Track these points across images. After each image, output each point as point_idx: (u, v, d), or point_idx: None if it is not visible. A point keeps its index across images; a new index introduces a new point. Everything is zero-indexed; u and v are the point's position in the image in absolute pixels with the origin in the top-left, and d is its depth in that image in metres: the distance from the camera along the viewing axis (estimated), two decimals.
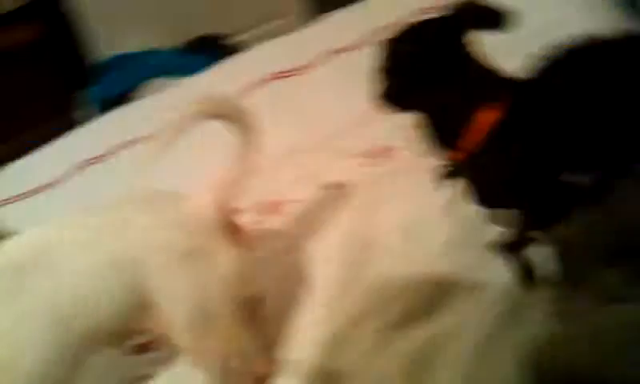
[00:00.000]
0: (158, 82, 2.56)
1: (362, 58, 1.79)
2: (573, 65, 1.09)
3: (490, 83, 1.11)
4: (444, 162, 1.22)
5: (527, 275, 1.16)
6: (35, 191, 1.66)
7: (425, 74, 1.11)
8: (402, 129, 1.52)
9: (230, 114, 1.04)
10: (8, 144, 2.77)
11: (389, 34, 1.18)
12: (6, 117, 2.82)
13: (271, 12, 3.14)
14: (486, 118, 1.07)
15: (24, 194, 1.66)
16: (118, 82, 2.61)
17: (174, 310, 0.94)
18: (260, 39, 2.95)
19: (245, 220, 1.38)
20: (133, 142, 1.71)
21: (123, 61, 2.71)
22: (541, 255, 1.13)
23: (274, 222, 1.42)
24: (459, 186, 1.23)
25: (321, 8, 3.21)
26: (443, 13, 1.10)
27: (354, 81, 1.72)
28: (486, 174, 1.15)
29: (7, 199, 1.65)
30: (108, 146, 1.71)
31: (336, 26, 2.01)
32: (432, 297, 1.17)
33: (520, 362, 0.95)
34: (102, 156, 1.70)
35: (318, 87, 1.79)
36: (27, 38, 2.77)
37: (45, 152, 1.80)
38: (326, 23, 2.06)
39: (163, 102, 1.87)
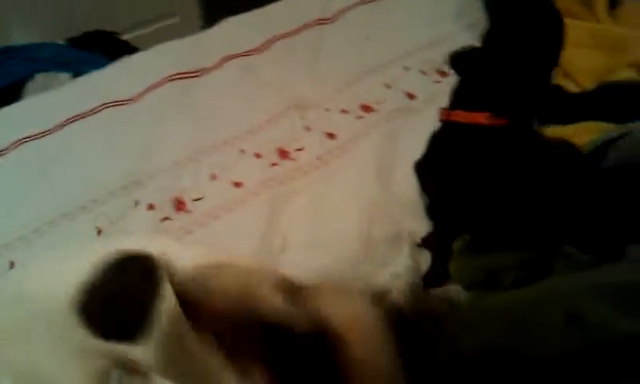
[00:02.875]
0: (45, 75, 2.50)
1: (258, 62, 1.90)
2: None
3: None
4: None
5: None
6: None
7: None
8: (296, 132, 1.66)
9: None
10: None
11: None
12: None
13: (159, 11, 3.16)
14: None
15: None
16: (5, 74, 2.52)
17: None
18: (147, 38, 2.98)
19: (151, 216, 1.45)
20: (32, 138, 1.70)
21: (10, 53, 2.62)
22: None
23: (181, 220, 1.45)
24: None
25: (208, 9, 3.29)
26: None
27: (251, 84, 1.83)
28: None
29: None
30: (7, 141, 1.68)
31: (234, 31, 2.09)
32: None
33: None
34: (1, 151, 1.66)
35: (215, 90, 1.85)
36: None
37: None
38: (224, 28, 2.12)
39: (62, 98, 1.88)
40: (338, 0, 2.16)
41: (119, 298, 0.85)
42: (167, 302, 0.81)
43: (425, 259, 1.34)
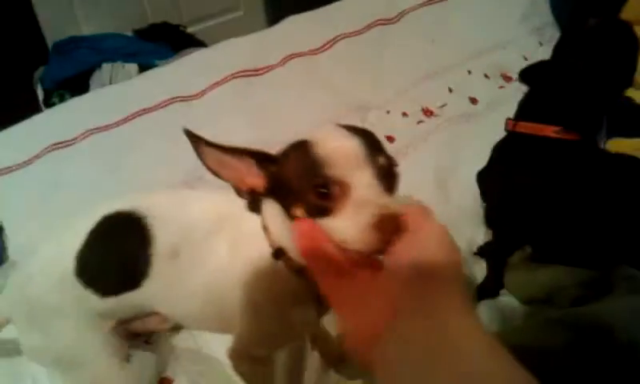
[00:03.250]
0: (112, 65, 2.58)
1: (321, 61, 1.91)
2: None
3: None
4: None
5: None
6: (0, 172, 1.67)
7: None
8: None
9: None
10: None
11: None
12: None
13: (223, 5, 3.21)
14: None
15: None
16: (73, 63, 2.61)
17: None
18: (211, 31, 3.03)
19: None
20: (100, 129, 1.75)
21: (78, 42, 2.70)
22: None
23: None
24: None
25: (271, 4, 3.32)
26: None
27: (313, 84, 1.84)
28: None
29: None
30: (75, 131, 1.73)
31: (298, 29, 2.09)
32: None
33: None
34: (70, 141, 1.72)
35: (278, 88, 1.87)
36: None
37: (10, 133, 1.80)
38: (288, 26, 2.13)
39: (130, 91, 1.92)
40: (402, 0, 2.15)
41: (113, 255, 0.95)
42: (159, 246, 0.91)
43: (480, 269, 1.33)
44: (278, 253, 0.79)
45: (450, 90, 1.75)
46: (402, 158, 1.57)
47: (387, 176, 0.65)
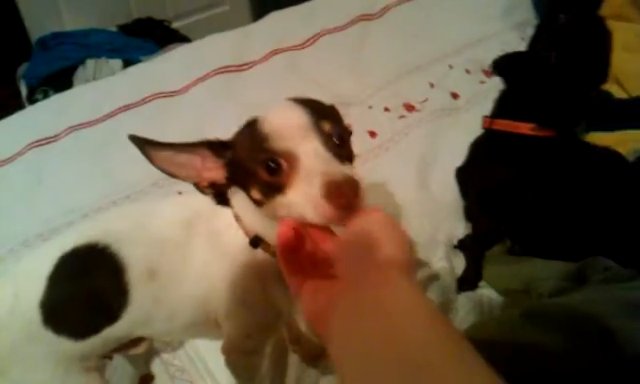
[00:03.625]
0: (96, 61, 2.57)
1: (303, 57, 1.91)
2: None
3: None
4: None
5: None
6: None
7: None
8: None
9: None
10: None
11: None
12: None
13: (209, 0, 3.21)
14: None
15: None
16: (56, 59, 2.60)
17: None
18: (196, 26, 3.03)
19: None
20: (83, 125, 1.75)
21: (62, 38, 2.69)
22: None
23: None
24: None
25: (257, 0, 3.32)
26: None
27: (296, 79, 1.85)
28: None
29: None
30: (59, 128, 1.73)
31: (281, 24, 2.10)
32: None
33: None
34: (53, 137, 1.71)
35: (261, 83, 1.87)
36: None
37: None
38: (271, 21, 2.14)
39: (114, 87, 1.91)
40: None
41: (83, 293, 0.88)
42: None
43: (460, 262, 1.34)
44: (255, 241, 0.78)
45: (432, 85, 1.77)
46: (384, 153, 1.59)
47: (338, 142, 0.65)
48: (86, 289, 0.88)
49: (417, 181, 1.49)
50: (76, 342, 0.89)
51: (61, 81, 2.52)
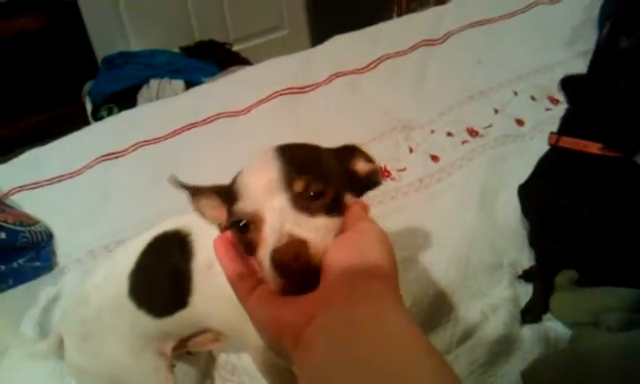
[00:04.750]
0: (159, 81, 2.64)
1: (366, 80, 1.92)
2: None
3: None
4: None
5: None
6: (51, 181, 1.72)
7: None
8: (400, 152, 1.66)
9: None
10: (13, 127, 2.87)
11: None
12: (11, 101, 2.90)
13: (269, 25, 3.26)
14: None
15: (39, 182, 1.72)
16: (121, 78, 2.68)
17: None
18: (256, 49, 3.08)
19: None
20: (149, 142, 1.79)
21: (127, 58, 2.78)
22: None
23: None
24: None
25: (315, 24, 3.36)
26: None
27: (358, 102, 1.85)
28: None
29: (23, 186, 1.71)
30: (125, 143, 1.78)
31: (343, 48, 2.12)
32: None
33: None
34: (120, 152, 1.76)
35: (322, 106, 1.89)
36: (31, 27, 2.85)
37: (62, 143, 1.86)
38: (333, 45, 2.17)
39: (179, 105, 1.96)
40: (446, 21, 2.16)
41: (161, 274, 0.97)
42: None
43: (525, 291, 1.31)
44: None
45: (496, 111, 1.74)
46: (447, 178, 1.57)
47: (313, 194, 0.61)
48: (164, 270, 0.97)
49: (480, 207, 1.46)
50: (153, 319, 0.97)
51: (125, 99, 2.59)
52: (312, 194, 0.61)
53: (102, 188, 1.65)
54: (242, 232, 0.62)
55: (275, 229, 0.57)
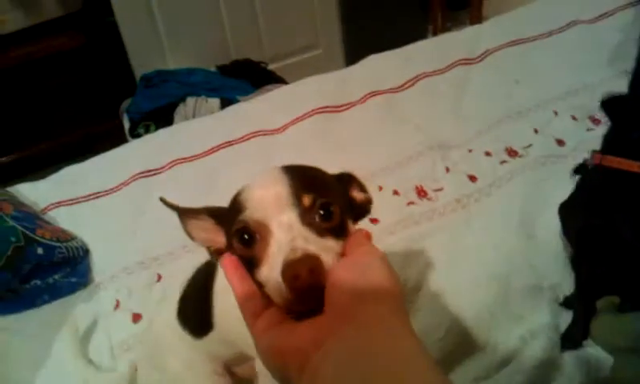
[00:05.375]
0: (195, 99, 2.66)
1: (402, 99, 1.91)
2: None
3: None
4: None
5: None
6: (88, 197, 1.74)
7: None
8: (437, 171, 1.63)
9: None
10: (52, 143, 2.94)
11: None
12: (50, 117, 2.97)
13: (303, 44, 3.28)
14: None
15: (76, 198, 1.74)
16: (158, 96, 2.71)
17: None
18: (291, 68, 3.10)
19: None
20: (185, 160, 1.80)
21: (164, 76, 2.81)
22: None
23: None
24: None
25: (349, 43, 3.38)
26: None
27: (394, 121, 1.84)
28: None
29: (60, 202, 1.72)
30: (162, 161, 1.79)
31: (379, 67, 2.11)
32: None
33: None
34: (157, 170, 1.78)
35: (358, 124, 1.88)
36: (70, 45, 2.91)
37: (99, 160, 1.89)
38: (369, 64, 2.16)
39: (215, 124, 1.98)
40: (484, 40, 2.14)
41: (194, 297, 1.01)
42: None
43: (566, 316, 1.27)
44: None
45: (536, 131, 1.71)
46: (485, 198, 1.54)
47: (322, 213, 0.60)
48: (196, 292, 1.00)
49: (520, 228, 1.43)
50: (194, 340, 1.01)
51: (162, 116, 2.62)
52: (321, 212, 0.60)
53: (137, 205, 1.66)
54: (245, 245, 0.60)
55: (286, 243, 0.56)
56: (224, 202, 1.51)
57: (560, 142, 1.66)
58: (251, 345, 0.92)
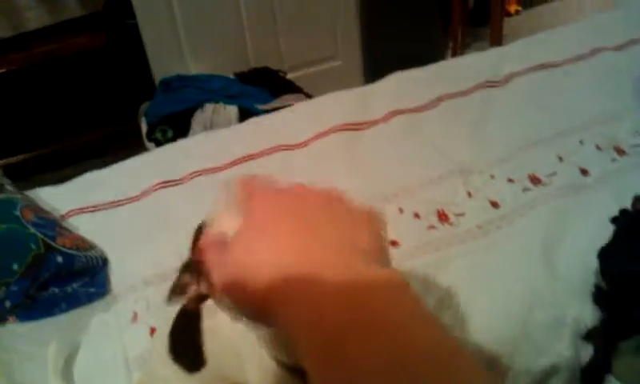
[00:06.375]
0: (214, 106, 2.66)
1: (425, 120, 1.90)
2: None
3: None
4: None
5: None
6: (109, 205, 1.74)
7: None
8: (458, 196, 1.62)
9: None
10: (69, 143, 2.95)
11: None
12: (68, 117, 2.99)
13: (323, 54, 3.29)
14: None
15: (97, 206, 1.74)
16: (177, 101, 2.72)
17: None
18: (310, 78, 3.11)
19: None
20: (207, 171, 1.81)
21: (184, 81, 2.82)
22: None
23: None
24: None
25: (369, 55, 3.38)
26: None
27: (416, 142, 1.83)
28: None
29: (81, 209, 1.73)
30: (183, 172, 1.79)
31: (402, 85, 2.11)
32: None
33: None
34: (178, 180, 1.78)
35: (380, 143, 1.87)
36: (91, 44, 2.93)
37: (121, 167, 1.89)
38: (392, 81, 2.15)
39: (236, 136, 1.98)
40: (508, 63, 2.13)
41: (183, 339, 0.99)
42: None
43: (588, 350, 1.26)
44: None
45: (560, 159, 1.69)
46: (507, 226, 1.52)
47: None
48: (186, 331, 0.98)
49: (542, 258, 1.41)
50: (188, 375, 0.98)
51: (179, 121, 2.63)
52: None
53: (158, 215, 1.66)
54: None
55: None
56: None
57: (584, 172, 1.65)
58: (246, 377, 0.93)
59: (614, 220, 1.42)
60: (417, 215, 1.58)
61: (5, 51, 2.90)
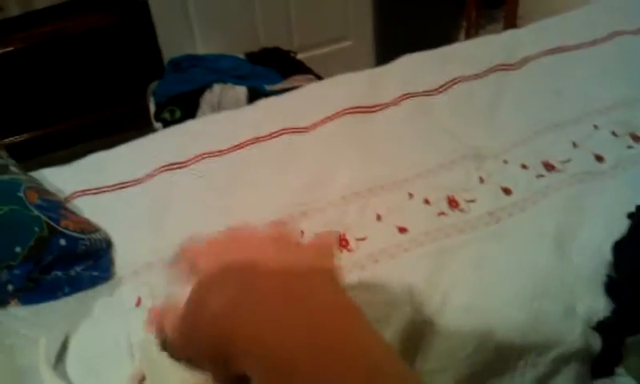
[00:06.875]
0: (222, 86, 2.64)
1: (436, 103, 1.86)
2: None
3: None
4: None
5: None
6: (113, 187, 1.72)
7: None
8: (470, 182, 1.59)
9: None
10: (76, 122, 2.95)
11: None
12: (76, 96, 2.98)
13: (334, 35, 3.26)
14: None
15: (101, 188, 1.72)
16: (186, 81, 2.69)
17: None
18: (320, 58, 3.07)
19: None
20: (213, 154, 1.78)
21: (193, 61, 2.79)
22: None
23: (343, 258, 1.40)
24: None
25: (380, 35, 3.34)
26: None
27: (427, 126, 1.79)
28: None
29: (85, 191, 1.70)
30: (189, 154, 1.77)
31: (414, 68, 2.06)
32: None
33: None
34: (183, 162, 1.75)
35: (390, 127, 1.83)
36: (101, 22, 2.91)
37: (126, 149, 1.87)
38: (403, 64, 2.11)
39: (243, 118, 1.95)
40: (523, 46, 2.08)
41: None
42: None
43: (599, 341, 1.22)
44: None
45: (574, 145, 1.65)
46: (519, 213, 1.48)
47: None
48: None
49: (555, 246, 1.38)
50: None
51: (188, 102, 2.60)
52: None
53: (162, 198, 1.63)
54: None
55: None
56: (247, 200, 1.49)
57: (599, 158, 1.60)
58: None
59: (631, 216, 1.38)
60: (427, 201, 1.55)
61: (13, 29, 2.88)
